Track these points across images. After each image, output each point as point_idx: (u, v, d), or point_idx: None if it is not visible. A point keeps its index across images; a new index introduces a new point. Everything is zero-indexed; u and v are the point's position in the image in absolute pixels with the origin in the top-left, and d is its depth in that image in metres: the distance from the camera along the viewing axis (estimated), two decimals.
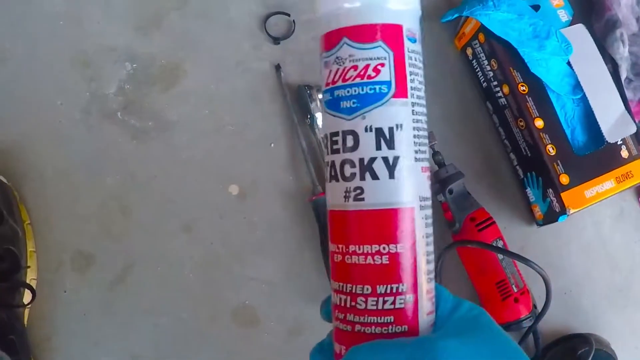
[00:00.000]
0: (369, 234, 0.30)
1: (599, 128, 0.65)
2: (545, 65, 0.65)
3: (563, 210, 0.64)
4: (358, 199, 0.30)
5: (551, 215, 0.67)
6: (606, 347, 0.67)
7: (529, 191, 0.69)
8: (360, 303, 0.30)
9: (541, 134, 0.65)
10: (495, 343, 0.30)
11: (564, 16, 0.68)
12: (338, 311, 0.32)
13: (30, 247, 0.65)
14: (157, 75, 0.69)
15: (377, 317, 0.30)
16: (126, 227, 0.67)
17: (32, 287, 0.63)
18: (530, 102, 0.65)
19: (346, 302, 0.31)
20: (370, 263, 0.30)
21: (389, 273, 0.30)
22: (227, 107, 0.69)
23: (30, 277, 0.64)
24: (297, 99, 0.69)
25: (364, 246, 0.30)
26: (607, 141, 0.65)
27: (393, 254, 0.30)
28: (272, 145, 0.69)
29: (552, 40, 0.65)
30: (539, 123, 0.65)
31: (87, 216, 0.67)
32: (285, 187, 0.68)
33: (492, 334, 0.31)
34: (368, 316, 0.30)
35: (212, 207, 0.68)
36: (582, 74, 0.66)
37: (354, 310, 0.30)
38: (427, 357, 0.27)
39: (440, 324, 0.32)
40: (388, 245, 0.30)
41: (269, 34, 0.69)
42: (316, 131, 0.68)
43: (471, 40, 0.70)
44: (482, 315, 0.32)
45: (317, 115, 0.67)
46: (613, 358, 0.66)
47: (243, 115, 0.69)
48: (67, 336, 0.65)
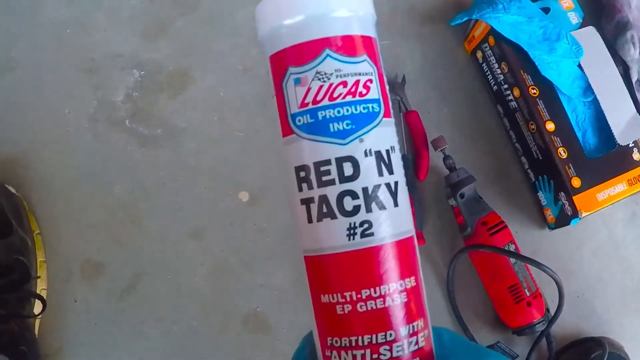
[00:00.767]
0: (386, 272, 0.26)
1: (611, 131, 0.65)
2: (556, 68, 0.65)
3: (575, 214, 0.64)
4: (367, 235, 0.26)
5: (563, 219, 0.66)
6: (619, 350, 0.67)
7: (540, 195, 0.69)
8: (385, 353, 0.26)
9: (552, 137, 0.65)
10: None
11: (574, 18, 0.68)
12: None
13: (40, 257, 0.64)
14: (164, 82, 0.69)
15: None
16: (135, 235, 0.66)
17: (43, 297, 0.62)
18: (541, 105, 0.65)
19: (365, 357, 0.26)
20: (389, 305, 0.26)
21: (410, 311, 0.27)
22: (236, 113, 0.69)
23: (41, 287, 0.64)
24: None
25: (382, 287, 0.26)
26: (618, 144, 0.65)
27: (410, 289, 0.27)
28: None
29: (562, 42, 0.65)
30: (550, 126, 0.65)
31: (96, 225, 0.66)
32: None
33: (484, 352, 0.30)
34: None
35: (222, 214, 0.67)
36: (593, 77, 0.66)
37: None
38: None
39: (440, 354, 0.29)
40: (404, 280, 0.27)
41: None
42: None
43: (481, 43, 0.69)
44: (459, 336, 0.31)
45: None
46: None
47: (252, 121, 0.69)
48: (77, 346, 0.65)
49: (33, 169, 0.66)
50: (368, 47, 0.27)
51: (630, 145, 0.65)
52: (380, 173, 0.27)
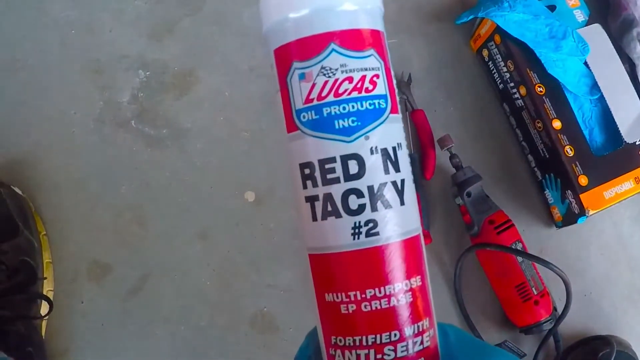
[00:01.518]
0: (391, 271, 0.26)
1: (617, 128, 0.65)
2: (562, 66, 0.65)
3: (582, 212, 0.64)
4: (372, 234, 0.25)
5: (570, 217, 0.66)
6: (627, 348, 0.67)
7: (547, 193, 0.69)
8: (389, 353, 0.26)
9: (559, 135, 0.65)
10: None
11: (580, 16, 0.68)
12: None
13: (47, 258, 0.64)
14: (170, 83, 0.69)
15: None
16: (142, 236, 0.66)
17: (49, 298, 0.62)
18: (547, 103, 0.65)
19: (368, 357, 0.26)
20: (394, 305, 0.26)
21: (415, 310, 0.26)
22: (242, 113, 0.69)
23: (47, 288, 0.64)
24: None
25: (387, 287, 0.26)
26: (625, 141, 0.65)
27: (416, 289, 0.26)
28: None
29: (568, 40, 0.64)
30: (557, 124, 0.65)
31: (102, 226, 0.66)
32: None
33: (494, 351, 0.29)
34: None
35: (228, 215, 0.67)
36: (599, 74, 0.65)
37: None
38: None
39: (445, 353, 0.29)
40: (410, 280, 0.26)
41: None
42: None
43: (487, 41, 0.69)
44: (465, 334, 0.30)
45: None
46: (635, 359, 0.66)
47: (258, 121, 0.69)
48: (84, 347, 0.64)
49: (39, 170, 0.66)
50: (375, 41, 0.26)
51: (637, 143, 0.65)
52: (386, 171, 0.26)
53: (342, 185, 0.25)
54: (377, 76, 0.26)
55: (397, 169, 0.26)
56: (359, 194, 0.25)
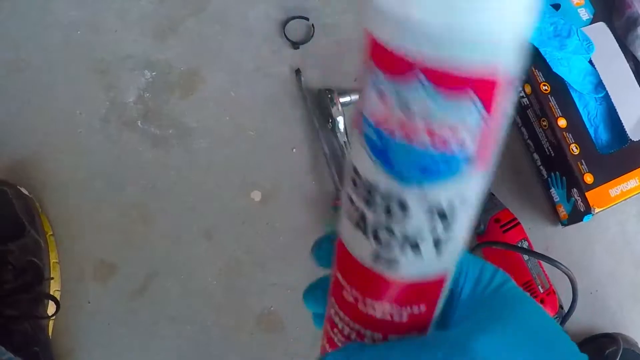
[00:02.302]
0: (394, 297, 0.24)
1: (622, 126, 0.65)
2: (567, 64, 0.65)
3: (588, 210, 0.64)
4: (391, 267, 0.23)
5: (576, 215, 0.66)
6: (634, 346, 0.67)
7: (553, 191, 0.69)
8: (368, 341, 0.26)
9: (564, 133, 0.65)
10: (531, 327, 0.26)
11: (584, 15, 0.68)
12: (340, 336, 0.27)
13: (53, 258, 0.64)
14: (175, 83, 0.69)
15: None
16: (148, 236, 0.66)
17: (56, 298, 0.62)
18: (552, 102, 0.65)
19: (345, 337, 0.27)
20: (388, 320, 0.25)
21: (405, 327, 0.26)
22: (247, 113, 0.69)
23: (54, 288, 0.63)
24: (318, 103, 0.69)
25: (386, 305, 0.25)
26: (630, 139, 0.65)
27: (416, 314, 0.25)
28: (294, 150, 0.69)
29: (573, 39, 0.65)
30: (562, 122, 0.65)
31: (108, 225, 0.66)
32: (308, 192, 0.68)
33: (525, 315, 0.27)
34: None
35: (234, 214, 0.67)
36: (604, 72, 0.66)
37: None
38: None
39: (462, 304, 0.27)
40: (412, 307, 0.25)
41: (288, 39, 0.69)
42: (338, 135, 0.67)
43: None
44: (510, 289, 0.28)
45: (339, 119, 0.67)
46: None
47: (263, 120, 0.69)
48: (91, 347, 0.64)
49: (45, 170, 0.66)
50: (488, 89, 0.18)
51: None
52: (432, 228, 0.22)
53: (377, 215, 0.22)
54: (468, 131, 0.19)
55: (447, 229, 0.22)
56: (391, 234, 0.22)
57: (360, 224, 0.23)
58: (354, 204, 0.23)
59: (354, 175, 0.22)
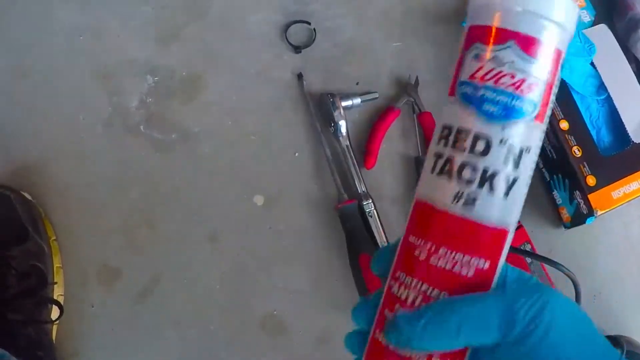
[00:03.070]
0: (466, 243, 0.29)
1: (625, 128, 0.65)
2: (568, 67, 0.65)
3: (591, 212, 0.64)
4: (467, 206, 0.29)
5: (579, 218, 0.66)
6: (638, 348, 0.66)
7: (555, 194, 0.69)
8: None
9: (566, 135, 0.65)
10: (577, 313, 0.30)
11: (586, 17, 0.68)
12: (398, 304, 0.30)
13: (57, 262, 0.65)
14: (178, 87, 0.69)
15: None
16: (151, 240, 0.67)
17: (60, 303, 0.62)
18: (554, 104, 0.65)
19: (415, 301, 0.29)
20: (456, 271, 0.29)
21: (470, 285, 0.29)
22: (250, 117, 0.69)
23: (58, 293, 0.64)
24: (320, 107, 0.69)
25: (457, 254, 0.29)
26: (632, 141, 0.65)
27: (480, 270, 0.29)
28: (296, 154, 0.69)
29: (574, 41, 0.65)
30: (564, 125, 0.65)
31: (112, 230, 0.66)
32: (311, 195, 0.68)
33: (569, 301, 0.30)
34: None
35: (238, 217, 0.67)
36: (605, 75, 0.66)
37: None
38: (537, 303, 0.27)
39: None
40: (479, 259, 0.29)
41: (290, 43, 0.69)
42: (340, 139, 0.68)
43: None
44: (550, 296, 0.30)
45: (341, 123, 0.67)
46: None
47: (266, 124, 0.69)
48: (95, 351, 0.65)
49: (48, 175, 0.66)
50: (550, 57, 0.29)
51: None
52: (505, 163, 0.29)
53: (464, 155, 0.29)
54: (536, 85, 0.28)
55: (515, 167, 0.29)
56: (474, 169, 0.29)
57: (445, 170, 0.29)
58: (441, 156, 0.30)
59: (445, 131, 0.30)
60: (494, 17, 0.29)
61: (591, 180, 0.64)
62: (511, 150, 0.29)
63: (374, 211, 0.66)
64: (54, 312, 0.62)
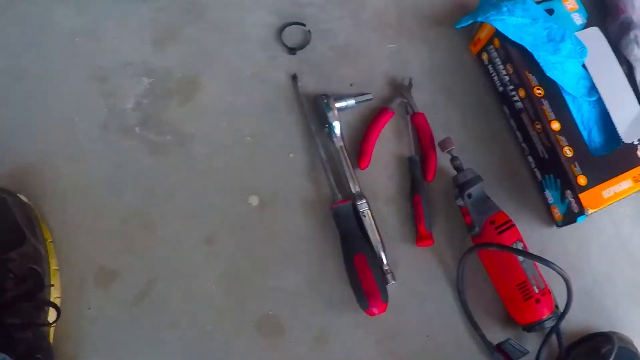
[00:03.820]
0: None
1: (615, 129, 0.66)
2: (560, 68, 0.66)
3: (582, 211, 0.65)
4: None
5: (570, 216, 0.67)
6: (629, 344, 0.68)
7: (547, 193, 0.70)
8: None
9: (558, 136, 0.66)
10: None
11: (578, 19, 0.69)
12: None
13: (54, 265, 0.65)
14: (174, 89, 0.69)
15: None
16: (148, 242, 0.67)
17: (57, 305, 0.62)
18: (546, 105, 0.66)
19: None
20: None
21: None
22: (245, 119, 0.69)
23: (55, 295, 0.64)
24: (314, 109, 0.69)
25: None
26: (623, 142, 0.66)
27: None
28: (291, 155, 0.69)
29: (567, 43, 0.66)
30: (556, 125, 0.66)
31: (108, 232, 0.66)
32: (305, 196, 0.69)
33: None
34: None
35: (233, 219, 0.68)
36: (597, 76, 0.67)
37: None
38: None
39: None
40: None
41: (285, 45, 0.70)
42: (334, 140, 0.68)
43: (486, 45, 0.70)
44: None
45: (335, 124, 0.67)
46: (636, 355, 0.67)
47: (261, 126, 0.69)
48: (93, 353, 0.65)
49: (44, 177, 0.67)
50: None
51: (635, 143, 0.67)
52: None
53: None
54: None
55: None
56: None
57: None
58: None
59: None
60: None
61: (582, 180, 0.65)
62: None
63: (368, 211, 0.67)
64: (52, 315, 0.62)
